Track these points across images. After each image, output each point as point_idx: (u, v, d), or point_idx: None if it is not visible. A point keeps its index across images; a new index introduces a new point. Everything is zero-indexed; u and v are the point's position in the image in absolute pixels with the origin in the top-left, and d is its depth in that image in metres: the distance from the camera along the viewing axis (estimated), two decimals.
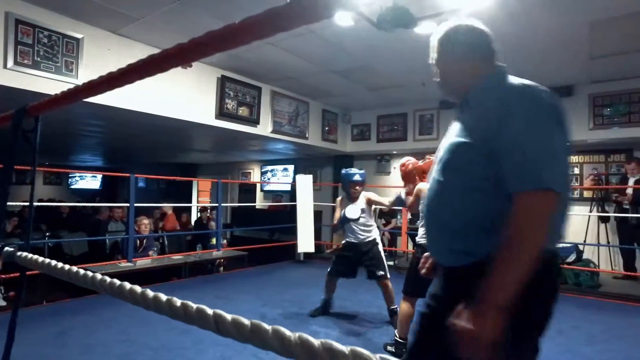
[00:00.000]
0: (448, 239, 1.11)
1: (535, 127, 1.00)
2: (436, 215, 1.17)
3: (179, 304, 0.44)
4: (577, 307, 4.23)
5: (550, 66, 5.07)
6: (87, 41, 4.03)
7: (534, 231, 0.93)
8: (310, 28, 4.09)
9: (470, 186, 1.06)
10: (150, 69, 0.59)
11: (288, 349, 0.34)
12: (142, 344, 2.91)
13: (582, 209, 6.21)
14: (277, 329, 0.36)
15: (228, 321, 0.38)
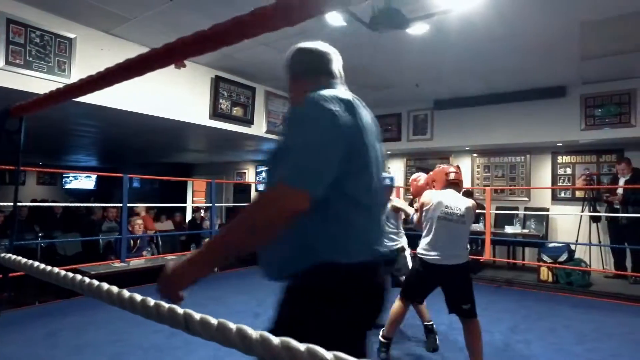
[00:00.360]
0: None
1: (296, 132, 1.03)
2: None
3: (152, 303, 0.45)
4: (569, 306, 4.27)
5: (543, 67, 5.11)
6: (80, 41, 4.02)
7: (252, 217, 0.95)
8: (303, 29, 4.10)
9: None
10: (137, 68, 0.59)
11: (249, 347, 0.35)
12: (133, 345, 2.91)
13: (574, 209, 6.26)
14: (241, 328, 0.37)
15: (196, 320, 0.39)
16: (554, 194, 6.60)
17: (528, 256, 6.38)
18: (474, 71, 5.36)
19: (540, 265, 5.30)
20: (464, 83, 5.90)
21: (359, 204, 1.07)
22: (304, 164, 0.97)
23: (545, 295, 4.81)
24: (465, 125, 6.65)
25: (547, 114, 5.98)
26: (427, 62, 5.04)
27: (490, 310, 4.08)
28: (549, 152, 6.59)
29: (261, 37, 3.49)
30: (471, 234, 5.91)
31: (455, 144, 6.90)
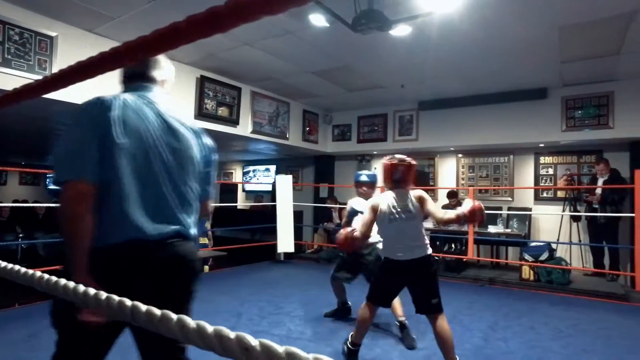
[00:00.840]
0: None
1: (63, 135, 1.26)
2: None
3: (103, 297, 0.46)
4: (549, 304, 4.36)
5: (524, 69, 5.20)
6: (61, 39, 3.97)
7: (61, 213, 1.21)
8: (288, 29, 4.12)
9: None
10: (111, 62, 0.58)
11: (186, 337, 0.37)
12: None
13: (555, 208, 6.39)
14: (181, 318, 0.38)
15: (142, 311, 0.41)
16: (536, 194, 6.72)
17: (511, 255, 6.49)
18: (457, 73, 5.44)
19: (522, 264, 5.40)
20: (448, 84, 5.97)
21: (119, 189, 1.22)
22: (63, 159, 1.21)
23: (527, 293, 4.90)
24: (450, 126, 6.73)
25: (529, 115, 6.09)
26: (412, 64, 5.10)
27: (473, 309, 4.14)
28: (532, 152, 6.71)
29: (245, 37, 3.56)
30: (455, 233, 6.03)
31: (440, 144, 6.97)
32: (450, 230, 6.10)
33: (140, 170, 1.26)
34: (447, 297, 4.53)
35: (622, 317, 3.93)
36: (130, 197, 1.23)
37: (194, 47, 4.71)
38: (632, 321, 3.83)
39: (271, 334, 3.22)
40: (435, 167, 7.61)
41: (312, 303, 4.21)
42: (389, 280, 2.67)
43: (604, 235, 5.40)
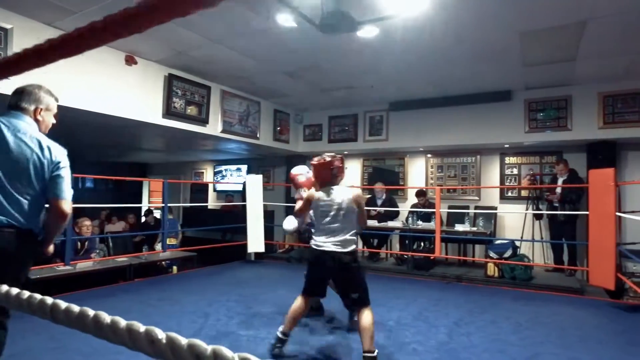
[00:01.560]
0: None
1: None
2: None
3: (49, 302, 0.46)
4: (511, 299, 4.50)
5: (489, 73, 5.36)
6: (17, 32, 3.81)
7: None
8: (258, 28, 4.10)
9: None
10: (58, 50, 0.56)
11: (100, 332, 0.37)
12: (74, 350, 2.81)
13: (519, 207, 6.60)
14: (98, 314, 0.38)
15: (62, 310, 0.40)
16: (501, 193, 6.93)
17: (477, 253, 6.67)
18: (424, 75, 5.55)
19: (487, 261, 5.56)
20: (416, 86, 6.09)
21: None
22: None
23: (491, 289, 5.04)
24: (419, 127, 6.86)
25: (495, 116, 6.28)
26: (380, 65, 5.16)
27: (439, 306, 4.23)
28: (498, 153, 6.92)
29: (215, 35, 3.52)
30: (424, 232, 6.13)
31: (409, 144, 7.10)
32: (419, 229, 6.22)
33: None
34: (414, 294, 4.66)
35: (576, 309, 4.13)
36: None
37: (162, 44, 4.63)
38: (584, 312, 4.03)
39: (238, 334, 3.20)
40: (405, 166, 7.74)
41: (282, 303, 4.19)
42: (314, 269, 2.81)
43: (563, 232, 5.63)
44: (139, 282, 5.06)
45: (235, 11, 3.78)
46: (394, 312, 4.01)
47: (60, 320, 0.40)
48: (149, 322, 0.50)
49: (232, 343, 3.07)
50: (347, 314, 3.53)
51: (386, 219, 6.69)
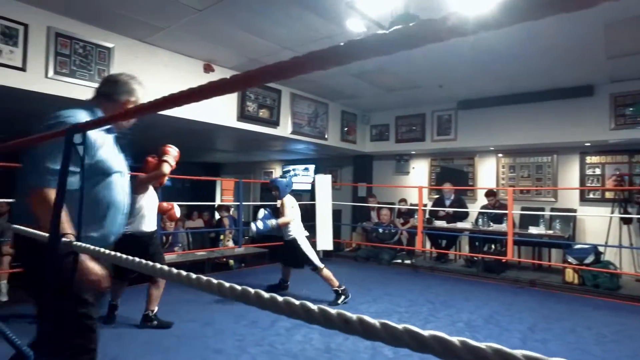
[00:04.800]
0: None
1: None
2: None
3: (215, 282, 0.61)
4: (592, 308, 4.25)
5: (568, 67, 5.06)
6: (117, 50, 4.31)
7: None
8: (327, 34, 4.25)
9: None
10: (204, 93, 0.71)
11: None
12: (165, 333, 3.15)
13: (602, 209, 6.14)
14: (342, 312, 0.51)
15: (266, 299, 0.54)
16: (582, 194, 6.48)
17: (554, 257, 6.30)
18: (496, 72, 5.37)
19: (566, 266, 5.25)
20: (487, 83, 5.90)
21: None
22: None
23: (569, 297, 4.78)
24: (490, 125, 6.63)
25: (574, 113, 5.90)
26: (450, 64, 5.09)
27: (512, 310, 4.11)
28: (577, 152, 6.48)
29: (286, 42, 3.76)
30: (494, 234, 5.92)
31: (479, 144, 6.88)
32: (490, 230, 6.02)
33: None
34: (484, 297, 4.55)
35: None
36: None
37: (237, 52, 4.95)
38: None
39: (310, 328, 3.37)
40: (474, 166, 7.51)
41: (351, 299, 4.33)
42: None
43: None
44: (214, 275, 5.46)
45: (305, 19, 3.96)
46: (463, 313, 3.97)
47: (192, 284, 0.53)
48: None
49: (305, 335, 3.24)
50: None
51: (455, 220, 6.56)
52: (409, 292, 4.76)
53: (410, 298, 4.52)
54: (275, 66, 0.63)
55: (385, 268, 6.42)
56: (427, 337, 0.38)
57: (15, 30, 3.58)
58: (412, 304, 4.31)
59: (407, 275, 5.92)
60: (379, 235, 6.92)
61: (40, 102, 4.25)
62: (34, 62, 3.72)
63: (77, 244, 1.18)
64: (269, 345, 3.01)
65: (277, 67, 0.63)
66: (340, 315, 0.45)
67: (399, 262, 6.66)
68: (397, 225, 7.05)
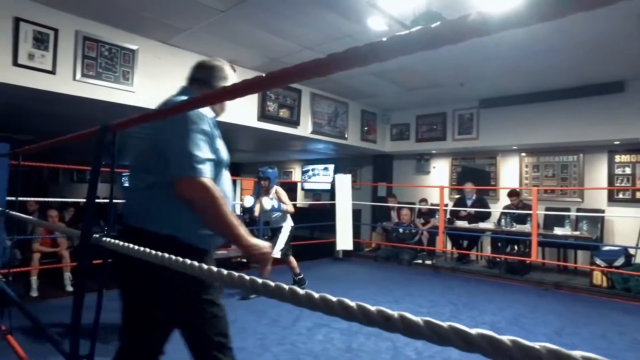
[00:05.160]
0: None
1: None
2: None
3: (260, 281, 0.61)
4: (623, 313, 4.11)
5: (596, 63, 4.92)
6: (141, 52, 4.39)
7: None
8: (347, 33, 4.24)
9: None
10: (237, 91, 0.72)
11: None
12: None
13: (634, 210, 5.93)
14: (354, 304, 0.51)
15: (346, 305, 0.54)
16: (610, 194, 6.28)
17: (580, 259, 6.13)
18: (520, 69, 5.25)
19: (594, 269, 5.09)
20: (511, 81, 5.78)
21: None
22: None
23: (597, 300, 4.64)
24: (513, 124, 6.49)
25: (602, 110, 5.72)
26: (473, 61, 5.01)
27: (537, 312, 4.02)
28: (605, 150, 6.28)
29: (306, 41, 3.76)
30: (517, 234, 5.80)
31: (502, 143, 6.75)
32: (513, 231, 5.90)
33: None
34: (508, 299, 4.46)
35: None
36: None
37: (258, 52, 4.98)
38: None
39: (331, 327, 3.36)
40: (496, 166, 7.37)
41: (371, 298, 4.31)
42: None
43: None
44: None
45: (326, 18, 3.95)
46: (486, 315, 3.90)
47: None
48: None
49: (326, 335, 3.24)
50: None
51: (477, 220, 6.45)
52: (430, 293, 4.71)
53: (432, 299, 4.46)
54: (298, 67, 0.64)
55: (406, 268, 6.37)
56: (475, 336, 0.37)
57: (46, 35, 3.70)
58: (434, 304, 4.26)
59: (427, 275, 5.85)
60: (399, 235, 6.87)
61: (68, 104, 4.38)
62: (63, 66, 3.83)
63: (105, 239, 1.21)
64: (291, 344, 3.02)
65: (300, 68, 0.63)
66: (381, 312, 0.44)
67: (420, 262, 6.59)
68: (417, 225, 6.98)
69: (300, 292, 0.53)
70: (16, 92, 3.85)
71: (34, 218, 4.90)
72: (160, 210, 1.35)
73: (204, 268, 0.75)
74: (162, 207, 1.35)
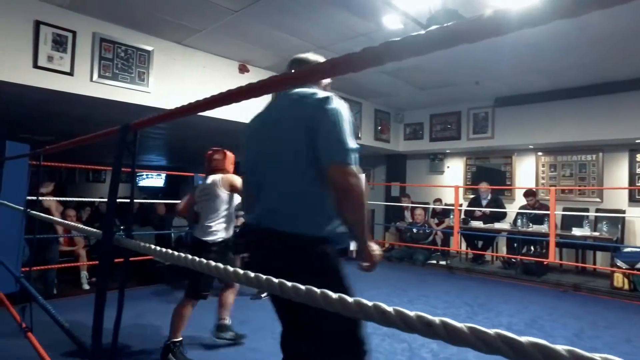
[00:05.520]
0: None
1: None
2: None
3: (264, 278, 0.60)
4: None
5: (616, 59, 4.82)
6: (156, 53, 4.43)
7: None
8: (361, 32, 4.22)
9: None
10: (253, 90, 0.72)
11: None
12: (203, 327, 3.21)
13: None
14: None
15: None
16: (631, 194, 6.14)
17: (600, 261, 6.00)
18: (537, 67, 5.16)
19: (614, 271, 4.98)
20: (526, 79, 5.69)
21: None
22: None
23: (619, 303, 4.53)
24: (529, 123, 6.39)
25: (624, 108, 5.59)
26: (488, 59, 4.94)
27: (555, 315, 3.95)
28: (626, 149, 6.14)
29: (320, 40, 3.74)
30: (533, 235, 5.71)
31: (517, 142, 6.65)
32: (529, 231, 5.80)
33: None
34: (525, 300, 4.39)
35: None
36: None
37: (271, 52, 4.98)
38: None
39: None
40: (512, 165, 7.26)
41: (386, 299, 4.26)
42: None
43: None
44: None
45: (340, 17, 3.93)
46: (503, 317, 3.85)
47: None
48: None
49: None
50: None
51: (492, 221, 6.36)
52: (445, 294, 4.65)
53: (447, 300, 4.41)
54: (315, 67, 0.63)
55: (420, 269, 6.31)
56: (525, 345, 0.35)
57: (65, 38, 3.75)
58: (449, 305, 4.21)
59: (442, 276, 5.79)
60: (413, 235, 6.81)
61: (85, 105, 4.44)
62: (80, 67, 3.88)
63: (126, 239, 1.21)
64: None
65: (316, 68, 0.63)
66: (420, 317, 0.43)
67: (434, 263, 6.53)
68: (431, 226, 6.92)
69: (334, 296, 0.51)
70: (36, 93, 3.91)
71: (55, 218, 4.98)
72: (309, 209, 1.31)
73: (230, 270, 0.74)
74: (310, 205, 1.31)
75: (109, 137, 1.26)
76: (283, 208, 1.32)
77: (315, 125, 1.30)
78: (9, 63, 3.51)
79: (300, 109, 1.37)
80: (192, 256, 0.83)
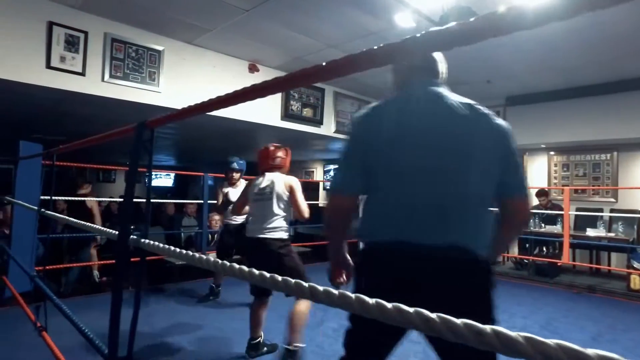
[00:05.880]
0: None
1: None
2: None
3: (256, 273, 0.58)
4: None
5: (632, 56, 4.71)
6: (166, 52, 4.43)
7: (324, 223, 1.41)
8: (372, 30, 4.18)
9: None
10: (269, 88, 0.70)
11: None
12: (215, 328, 3.20)
13: None
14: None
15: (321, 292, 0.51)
16: None
17: (615, 262, 5.90)
18: (550, 65, 5.08)
19: (631, 272, 4.89)
20: (539, 77, 5.60)
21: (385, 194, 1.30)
22: (335, 172, 1.41)
23: (636, 305, 4.44)
24: (541, 122, 6.30)
25: (638, 107, 5.48)
26: (501, 57, 4.87)
27: (570, 317, 3.88)
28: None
29: (331, 40, 3.71)
30: (546, 235, 5.63)
31: (529, 141, 6.55)
32: (542, 232, 5.72)
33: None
34: (538, 302, 4.32)
35: None
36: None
37: (281, 51, 4.96)
38: None
39: None
40: (523, 165, 7.17)
41: None
42: (246, 257, 2.95)
43: None
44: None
45: (351, 15, 3.90)
46: (517, 318, 3.79)
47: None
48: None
49: None
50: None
51: None
52: None
53: None
54: (330, 65, 0.61)
55: None
56: (593, 358, 0.32)
57: (77, 38, 3.77)
58: None
59: None
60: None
61: (96, 105, 4.46)
62: (92, 67, 3.90)
63: (143, 240, 1.20)
64: (317, 346, 2.99)
65: (330, 66, 0.60)
66: (469, 326, 0.40)
67: None
68: None
69: (389, 306, 0.48)
70: (48, 93, 3.94)
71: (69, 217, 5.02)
72: (477, 228, 1.23)
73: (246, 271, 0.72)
74: (479, 224, 1.24)
75: (123, 136, 1.25)
76: (464, 227, 1.22)
77: (508, 153, 1.32)
78: (23, 64, 3.53)
79: (486, 127, 1.32)
80: (254, 256, 0.81)
